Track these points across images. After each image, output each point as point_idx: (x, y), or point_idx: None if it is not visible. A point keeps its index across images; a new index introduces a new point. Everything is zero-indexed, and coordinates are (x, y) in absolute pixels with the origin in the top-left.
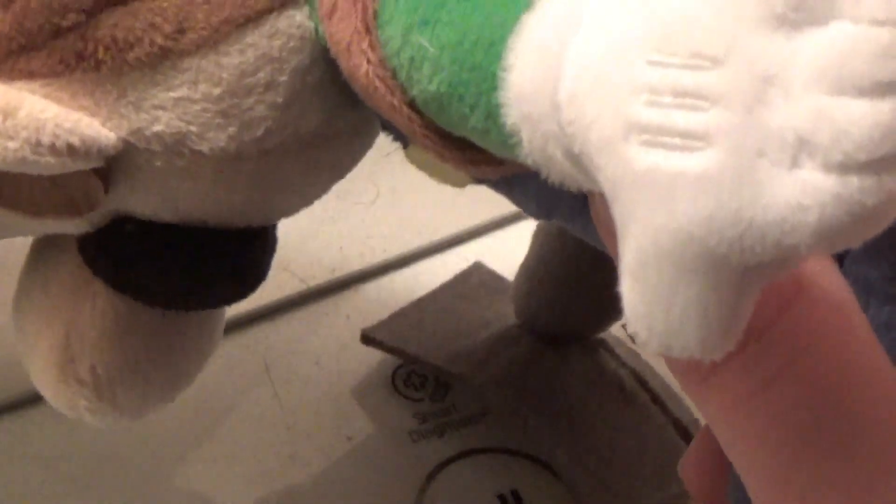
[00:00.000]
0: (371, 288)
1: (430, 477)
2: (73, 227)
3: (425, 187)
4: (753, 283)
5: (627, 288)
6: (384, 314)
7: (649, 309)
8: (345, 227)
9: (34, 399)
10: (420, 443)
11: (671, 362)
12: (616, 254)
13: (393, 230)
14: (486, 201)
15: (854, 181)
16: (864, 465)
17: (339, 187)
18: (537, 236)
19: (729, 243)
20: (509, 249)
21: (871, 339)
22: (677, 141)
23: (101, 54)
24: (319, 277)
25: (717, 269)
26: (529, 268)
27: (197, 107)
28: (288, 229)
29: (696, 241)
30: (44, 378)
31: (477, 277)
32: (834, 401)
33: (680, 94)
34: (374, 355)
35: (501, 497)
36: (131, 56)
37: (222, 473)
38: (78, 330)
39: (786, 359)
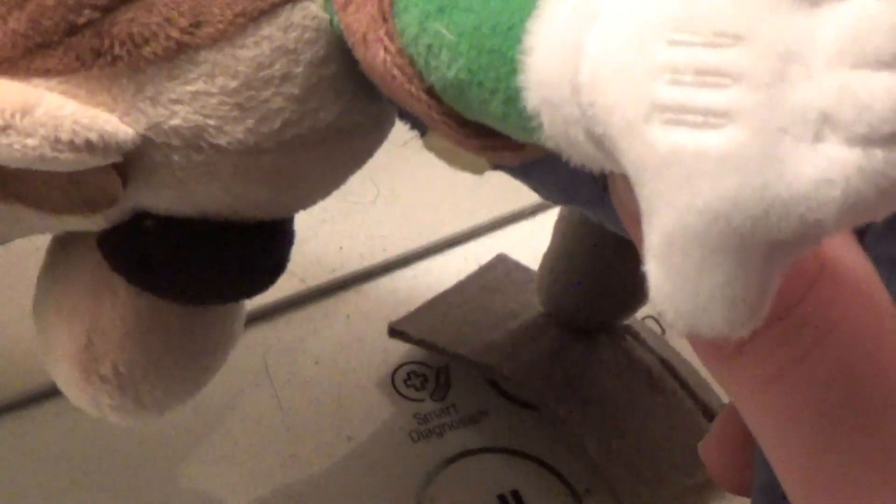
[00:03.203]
0: (371, 288)
1: (430, 477)
2: (92, 223)
3: (425, 187)
4: (779, 259)
5: (653, 269)
6: (384, 314)
7: (676, 289)
8: (345, 227)
9: (34, 399)
10: (420, 443)
11: (696, 343)
12: (637, 237)
13: (393, 230)
14: (487, 201)
15: (878, 154)
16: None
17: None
18: (559, 225)
19: (754, 220)
20: (509, 249)
21: (894, 312)
22: (700, 119)
23: (117, 50)
24: (319, 277)
25: (743, 246)
26: (553, 258)
27: (214, 100)
28: None
29: (722, 220)
30: (66, 377)
31: (502, 268)
32: (861, 378)
33: (702, 72)
34: (374, 355)
35: (501, 497)
36: (147, 51)
37: (222, 473)
38: (99, 328)
39: (812, 337)
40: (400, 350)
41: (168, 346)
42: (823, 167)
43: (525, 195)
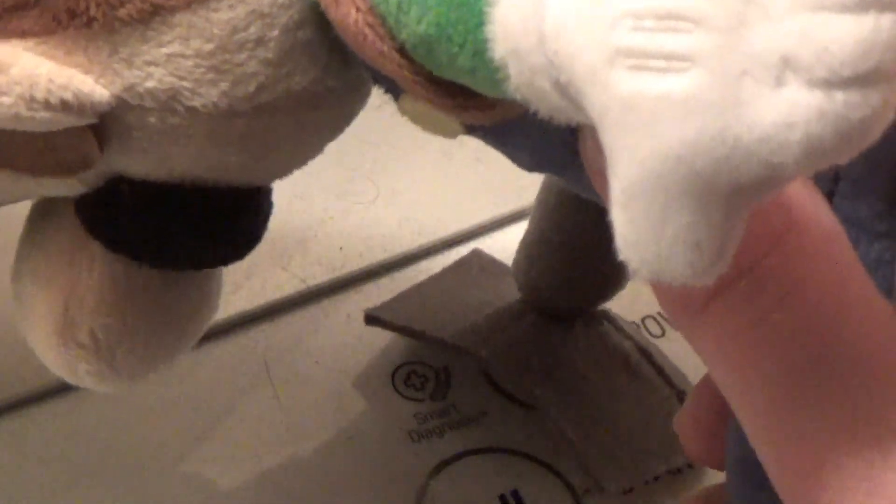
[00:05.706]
0: (371, 288)
1: (430, 477)
2: (69, 187)
3: (425, 187)
4: (742, 204)
5: (617, 216)
6: None
7: (640, 236)
8: (345, 227)
9: (34, 399)
10: (420, 443)
11: (663, 297)
12: (605, 193)
13: (393, 230)
14: (487, 201)
15: (839, 97)
16: (861, 397)
17: (338, 187)
18: (536, 210)
19: (716, 164)
20: (509, 249)
21: (861, 271)
22: (662, 64)
23: (92, 11)
24: (319, 277)
25: (705, 191)
26: (529, 242)
27: (189, 62)
28: (288, 229)
29: (684, 164)
30: (43, 343)
31: (477, 263)
32: (828, 332)
33: (663, 17)
34: (375, 355)
35: (501, 497)
36: (122, 12)
37: (222, 473)
38: (76, 294)
39: (780, 291)
40: (400, 350)
41: (144, 312)
42: (785, 110)
43: (525, 195)
